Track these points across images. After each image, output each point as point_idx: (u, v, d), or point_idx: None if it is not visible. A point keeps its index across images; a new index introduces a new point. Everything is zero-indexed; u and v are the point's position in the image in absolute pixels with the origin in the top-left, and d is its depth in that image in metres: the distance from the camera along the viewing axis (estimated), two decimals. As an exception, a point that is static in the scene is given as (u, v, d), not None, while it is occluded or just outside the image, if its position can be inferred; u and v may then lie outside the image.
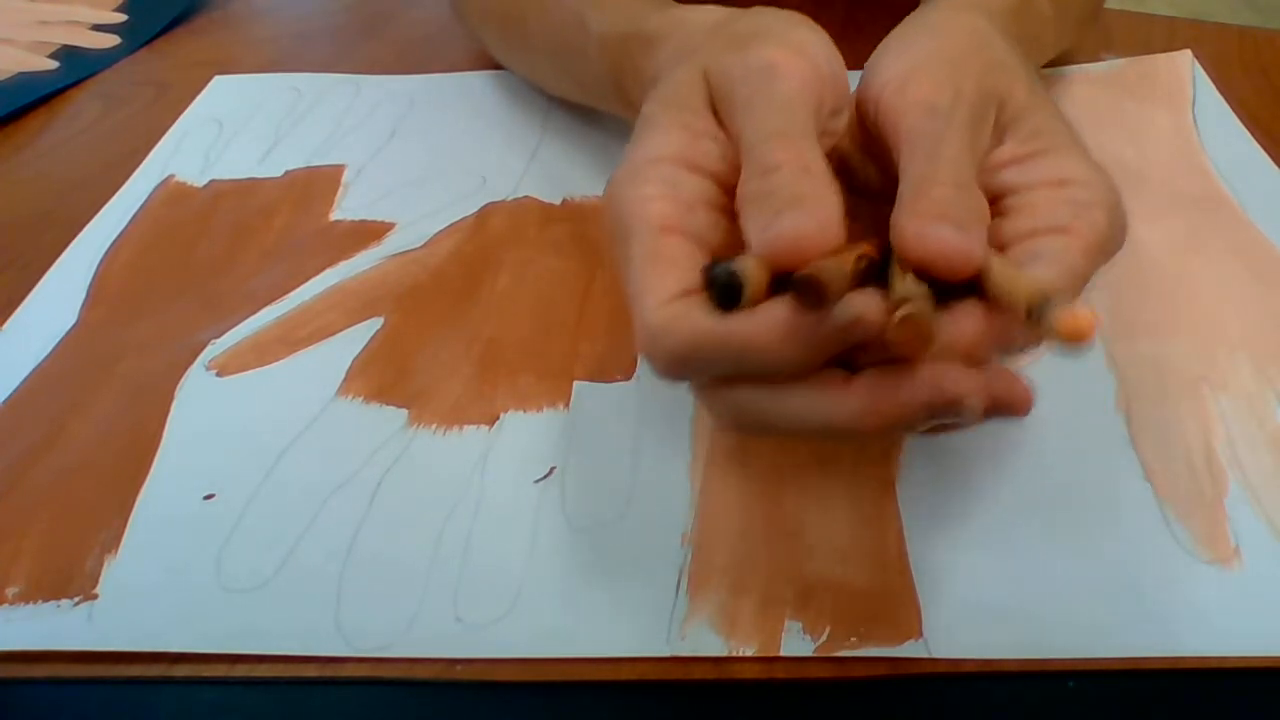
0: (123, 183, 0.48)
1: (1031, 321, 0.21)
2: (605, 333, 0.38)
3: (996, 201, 0.26)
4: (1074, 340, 0.20)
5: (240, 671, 0.28)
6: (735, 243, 0.25)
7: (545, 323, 0.38)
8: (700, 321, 0.23)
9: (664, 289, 0.24)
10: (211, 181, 0.48)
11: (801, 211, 0.23)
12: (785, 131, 0.25)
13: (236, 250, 0.43)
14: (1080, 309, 0.21)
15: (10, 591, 0.30)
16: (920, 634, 0.28)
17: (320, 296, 0.40)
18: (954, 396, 0.22)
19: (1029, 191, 0.26)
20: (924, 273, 0.23)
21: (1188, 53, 0.52)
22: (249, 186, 0.47)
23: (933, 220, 0.23)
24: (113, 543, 0.31)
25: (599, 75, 0.39)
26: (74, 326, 0.40)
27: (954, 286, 0.23)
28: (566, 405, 0.35)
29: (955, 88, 0.27)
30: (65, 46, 0.60)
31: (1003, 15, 0.33)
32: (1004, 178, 0.27)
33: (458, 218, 0.44)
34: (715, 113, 0.27)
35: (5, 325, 0.40)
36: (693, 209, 0.26)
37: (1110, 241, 0.25)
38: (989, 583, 0.29)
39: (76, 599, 0.30)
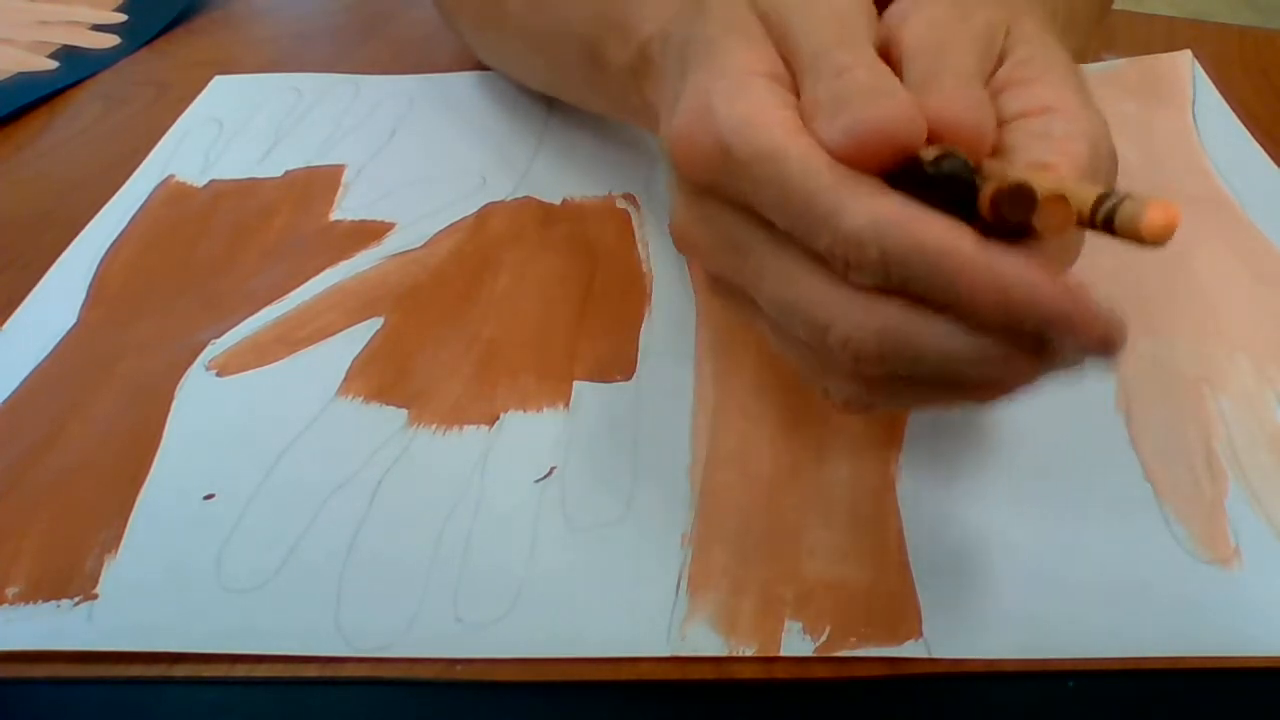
0: (123, 183, 0.48)
1: (1100, 223, 0.20)
2: (605, 333, 0.38)
3: None
4: (1162, 236, 0.19)
5: (240, 671, 0.28)
6: None
7: (545, 323, 0.38)
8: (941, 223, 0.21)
9: (871, 181, 0.22)
10: (211, 181, 0.48)
11: (890, 100, 0.22)
12: (848, 40, 0.24)
13: (236, 250, 0.43)
14: (1157, 198, 0.19)
15: (10, 591, 0.30)
16: (920, 634, 0.28)
17: (320, 296, 0.40)
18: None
19: (1010, 122, 0.25)
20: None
21: (1188, 53, 0.52)
22: (249, 186, 0.47)
23: (943, 102, 0.22)
24: (113, 543, 0.31)
25: (580, 32, 0.37)
26: (74, 326, 0.40)
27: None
28: (566, 405, 0.35)
29: (963, 9, 0.26)
30: (65, 46, 0.60)
31: None
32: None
33: (458, 218, 0.44)
34: None
35: (5, 325, 0.40)
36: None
37: (1095, 174, 0.24)
38: (989, 583, 0.29)
39: (76, 599, 0.30)
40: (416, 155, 0.49)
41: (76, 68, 0.58)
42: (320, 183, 0.47)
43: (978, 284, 0.20)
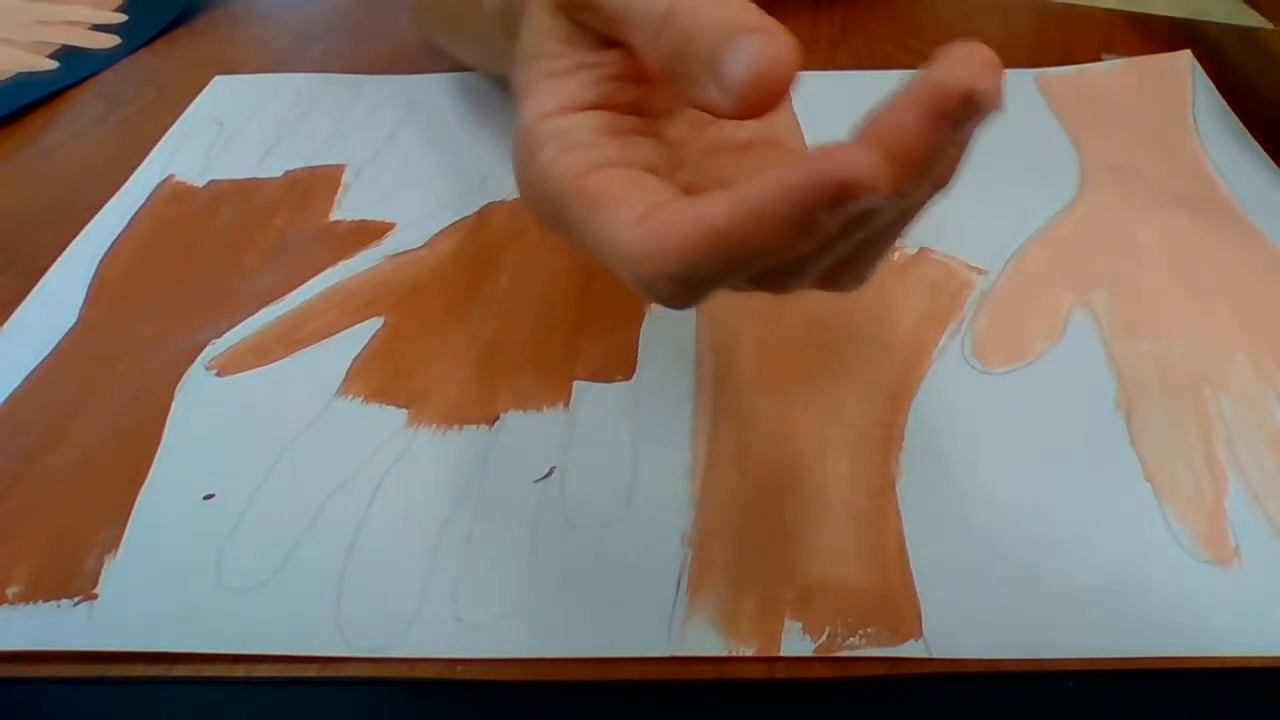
0: (123, 183, 0.48)
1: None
2: (605, 333, 0.38)
3: None
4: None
5: (240, 671, 0.28)
6: (652, 154, 0.24)
7: (545, 323, 0.38)
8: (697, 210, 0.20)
9: (632, 210, 0.21)
10: (211, 181, 0.48)
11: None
12: None
13: (236, 250, 0.43)
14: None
15: (10, 591, 0.30)
16: (920, 634, 0.28)
17: (320, 296, 0.40)
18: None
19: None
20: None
21: (1188, 53, 0.52)
22: (249, 186, 0.47)
23: None
24: (113, 543, 0.31)
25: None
26: (74, 326, 0.40)
27: None
28: (566, 405, 0.35)
29: None
30: (65, 46, 0.60)
31: None
32: None
33: (458, 218, 0.44)
34: (582, 31, 0.25)
35: (5, 325, 0.40)
36: (598, 145, 0.24)
37: None
38: (989, 583, 0.29)
39: (76, 599, 0.30)
40: (416, 155, 0.49)
41: (76, 68, 0.58)
42: (320, 183, 0.47)
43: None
